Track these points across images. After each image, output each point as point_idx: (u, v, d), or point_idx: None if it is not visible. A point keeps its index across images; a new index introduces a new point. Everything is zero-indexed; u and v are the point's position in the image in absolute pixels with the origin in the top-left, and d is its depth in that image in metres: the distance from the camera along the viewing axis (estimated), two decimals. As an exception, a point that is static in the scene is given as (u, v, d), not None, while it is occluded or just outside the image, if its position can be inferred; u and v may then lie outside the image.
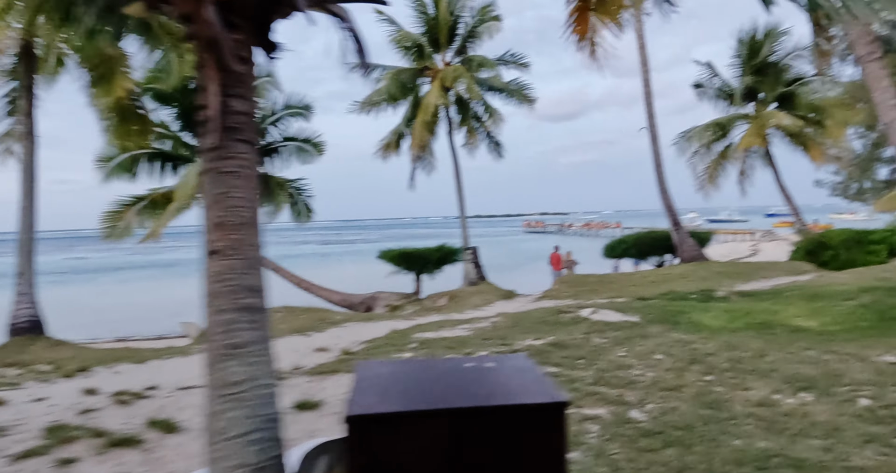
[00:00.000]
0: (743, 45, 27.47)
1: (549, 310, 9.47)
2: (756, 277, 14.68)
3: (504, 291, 15.62)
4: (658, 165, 20.45)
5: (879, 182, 60.09)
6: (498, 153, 26.32)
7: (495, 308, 12.44)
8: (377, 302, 18.35)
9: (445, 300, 14.97)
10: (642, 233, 21.73)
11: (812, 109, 26.35)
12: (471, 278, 17.36)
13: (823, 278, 13.37)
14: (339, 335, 9.23)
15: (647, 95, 20.97)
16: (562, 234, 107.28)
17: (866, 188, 61.70)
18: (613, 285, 14.82)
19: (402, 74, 24.19)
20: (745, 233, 68.95)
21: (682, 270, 16.48)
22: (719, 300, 10.89)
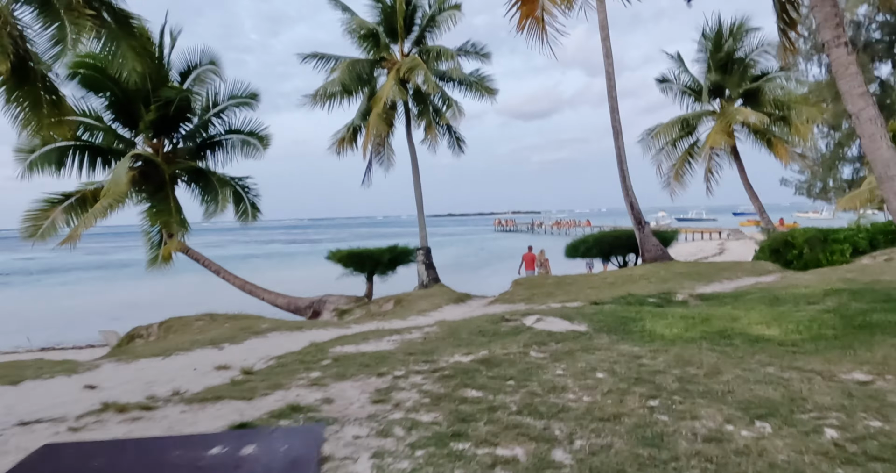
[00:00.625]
0: (708, 40, 27.02)
1: (493, 318, 8.58)
2: (718, 278, 14.02)
3: (457, 294, 14.73)
4: (621, 162, 19.75)
5: (842, 181, 60.87)
6: (460, 149, 25.47)
7: (440, 314, 11.55)
8: (325, 306, 17.33)
9: (391, 304, 14.01)
10: (604, 232, 21.00)
11: (778, 105, 26.01)
12: (423, 280, 16.43)
13: (787, 279, 12.74)
14: (254, 348, 8.22)
15: (610, 89, 20.25)
16: (532, 232, 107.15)
17: (830, 187, 62.50)
18: (571, 287, 14.03)
19: (356, 64, 23.16)
20: (713, 232, 69.29)
21: (644, 271, 15.77)
22: (677, 305, 10.13)
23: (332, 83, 22.87)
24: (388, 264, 18.06)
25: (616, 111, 20.28)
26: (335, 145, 24.00)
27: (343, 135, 23.98)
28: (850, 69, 8.30)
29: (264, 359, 7.13)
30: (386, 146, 25.25)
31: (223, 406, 5.12)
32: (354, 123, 23.89)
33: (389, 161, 25.26)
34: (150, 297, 31.50)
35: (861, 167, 62.31)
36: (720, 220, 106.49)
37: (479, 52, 24.17)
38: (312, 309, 17.62)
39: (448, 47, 23.16)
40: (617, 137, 20.05)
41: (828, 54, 8.63)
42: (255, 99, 20.85)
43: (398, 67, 22.29)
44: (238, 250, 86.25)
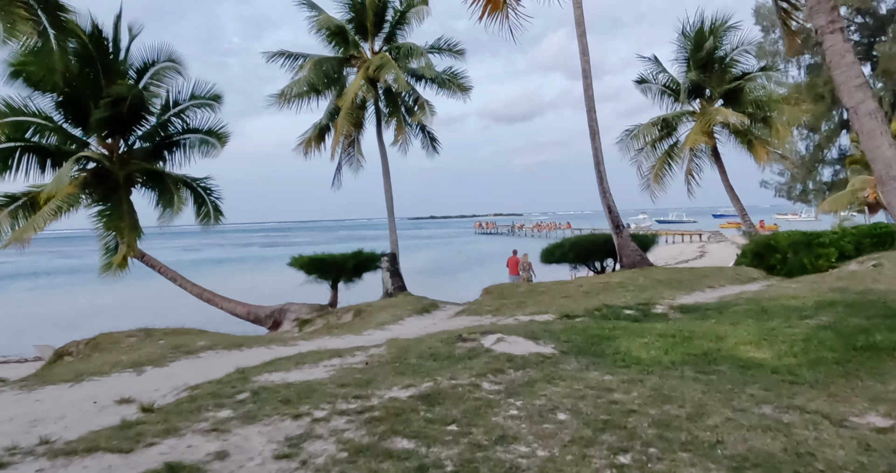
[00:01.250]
0: (688, 38, 26.32)
1: (449, 337, 7.60)
2: (701, 286, 13.18)
3: (423, 303, 13.73)
4: (598, 163, 18.91)
5: (822, 183, 60.85)
6: (434, 149, 24.52)
7: (399, 328, 10.56)
8: (286, 315, 16.26)
9: (351, 315, 12.99)
10: (581, 237, 20.11)
11: (759, 106, 25.38)
12: (388, 288, 15.43)
13: (774, 288, 11.92)
14: (175, 374, 7.17)
15: (586, 87, 19.40)
16: (513, 235, 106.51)
17: (810, 189, 62.46)
18: (543, 296, 13.11)
19: (324, 63, 22.10)
20: (693, 234, 69.02)
21: (622, 277, 14.90)
22: (656, 318, 9.23)
23: (299, 82, 21.80)
24: (353, 270, 17.01)
25: (593, 111, 19.44)
26: (302, 146, 22.90)
27: (311, 135, 22.89)
28: (846, 58, 7.46)
29: (177, 390, 6.09)
30: (356, 147, 24.23)
31: (91, 463, 4.09)
32: (322, 123, 22.83)
33: (359, 163, 24.25)
34: (115, 304, 30.10)
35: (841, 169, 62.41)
36: (700, 222, 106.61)
37: (452, 49, 23.23)
38: (273, 319, 16.55)
39: (419, 45, 22.18)
40: (594, 138, 19.21)
41: (821, 41, 7.80)
42: (218, 101, 19.72)
43: (367, 65, 21.29)
44: (214, 253, 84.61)
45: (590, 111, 19.25)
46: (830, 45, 7.51)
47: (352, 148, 24.21)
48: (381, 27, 23.11)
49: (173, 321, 22.97)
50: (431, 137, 24.38)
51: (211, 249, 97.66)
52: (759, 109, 25.42)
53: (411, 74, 23.10)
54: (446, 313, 13.01)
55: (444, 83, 22.82)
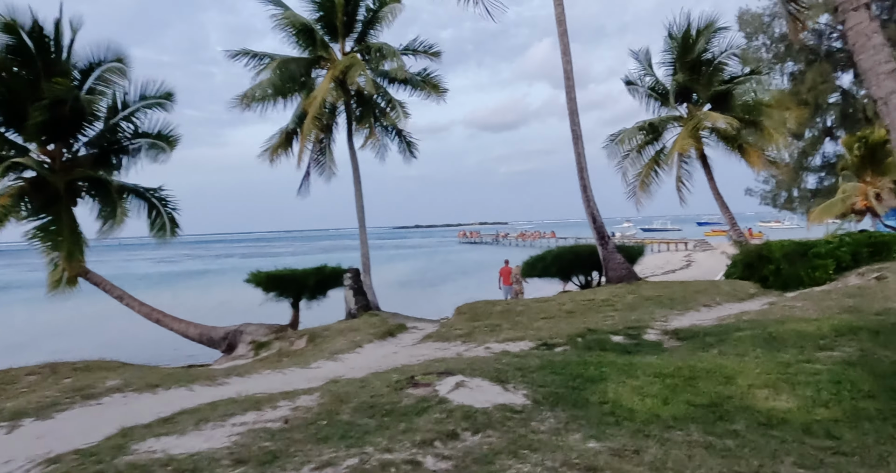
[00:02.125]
0: (675, 40, 25.27)
1: (402, 378, 6.21)
2: (695, 304, 11.90)
3: (388, 326, 12.31)
4: (581, 170, 17.67)
5: (807, 190, 60.26)
6: (411, 154, 23.17)
7: (352, 359, 9.15)
8: (241, 337, 14.76)
9: (304, 341, 11.55)
10: (564, 248, 18.80)
11: (748, 110, 24.33)
12: (351, 308, 13.99)
13: (777, 307, 10.65)
14: (51, 432, 5.71)
15: (569, 89, 18.21)
16: (497, 244, 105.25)
17: (795, 197, 61.85)
18: (520, 317, 11.76)
19: (290, 64, 20.69)
20: (678, 243, 68.12)
21: (608, 294, 13.60)
22: (649, 348, 7.90)
23: (263, 85, 20.39)
24: (316, 287, 15.55)
25: (575, 114, 18.24)
26: (268, 152, 21.44)
27: (278, 140, 21.45)
28: (872, 39, 6.22)
29: (31, 463, 4.64)
30: (327, 154, 22.84)
31: None
32: (289, 128, 21.40)
33: (331, 170, 22.83)
34: (65, 325, 28.30)
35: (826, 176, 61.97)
36: (684, 230, 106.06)
37: (427, 50, 21.93)
38: (228, 341, 15.04)
39: (392, 46, 20.84)
40: (577, 142, 17.99)
41: (842, 22, 6.59)
42: (171, 99, 18.29)
43: (336, 66, 19.94)
44: (192, 265, 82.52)
45: (572, 114, 18.04)
46: (854, 25, 6.28)
47: (322, 155, 22.82)
48: (352, 27, 21.77)
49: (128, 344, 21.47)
50: (408, 141, 23.05)
51: (190, 260, 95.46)
52: (749, 114, 24.39)
53: (384, 76, 21.80)
54: (412, 337, 11.61)
55: (418, 85, 21.52)
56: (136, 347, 20.80)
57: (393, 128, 22.83)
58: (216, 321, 17.95)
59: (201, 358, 16.54)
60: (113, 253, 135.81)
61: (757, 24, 43.34)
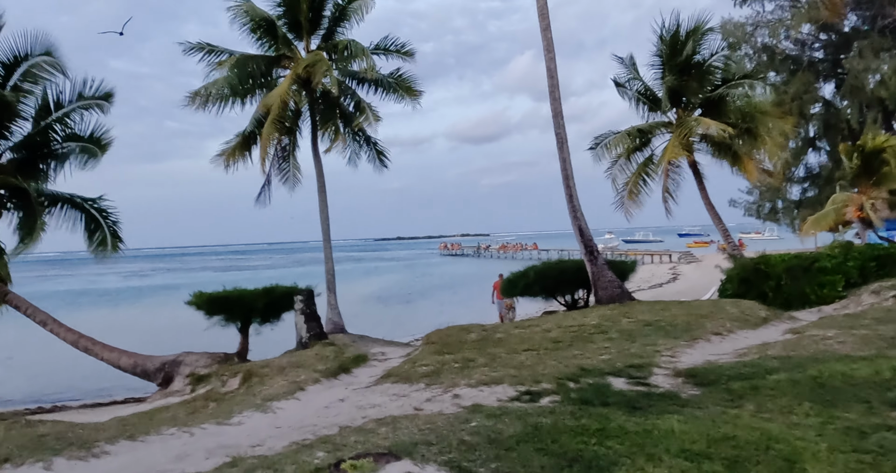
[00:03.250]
0: (663, 42, 23.81)
1: (323, 463, 4.35)
2: (702, 332, 10.17)
3: (343, 358, 10.41)
4: (567, 177, 15.99)
5: (791, 202, 59.26)
6: (381, 163, 21.37)
7: (287, 408, 7.25)
8: (179, 369, 12.79)
9: (238, 380, 9.63)
10: (548, 264, 16.97)
11: (742, 115, 22.86)
12: (302, 337, 12.08)
13: (805, 338, 8.95)
14: None
15: (552, 89, 16.57)
16: (478, 256, 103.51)
17: (779, 208, 60.78)
18: (499, 347, 9.95)
19: (249, 61, 18.84)
20: (662, 254, 66.83)
21: (599, 317, 11.85)
22: (662, 401, 6.11)
23: (218, 83, 18.50)
24: (266, 310, 13.60)
25: (560, 116, 16.59)
26: (222, 158, 19.49)
27: (234, 144, 19.53)
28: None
29: None
30: (291, 160, 20.96)
31: None
32: (247, 131, 19.51)
33: (294, 177, 20.93)
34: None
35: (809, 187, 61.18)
36: (666, 241, 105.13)
37: (399, 50, 20.21)
38: (164, 373, 13.05)
39: (362, 44, 19.07)
40: (562, 147, 16.31)
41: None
42: (109, 100, 16.35)
43: (298, 64, 18.14)
44: (163, 279, 79.65)
45: (556, 116, 16.37)
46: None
47: (285, 161, 20.94)
48: (318, 24, 19.98)
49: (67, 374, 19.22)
50: (378, 149, 21.26)
51: (163, 274, 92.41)
52: (743, 120, 22.94)
53: (352, 77, 20.03)
54: (370, 373, 9.73)
55: (390, 87, 19.76)
56: (75, 377, 18.68)
57: (363, 135, 21.06)
58: (166, 346, 15.93)
59: (143, 391, 14.56)
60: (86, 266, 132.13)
61: (740, 34, 42.36)
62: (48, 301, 48.26)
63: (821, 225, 34.68)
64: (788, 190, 63.60)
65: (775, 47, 44.26)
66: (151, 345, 19.79)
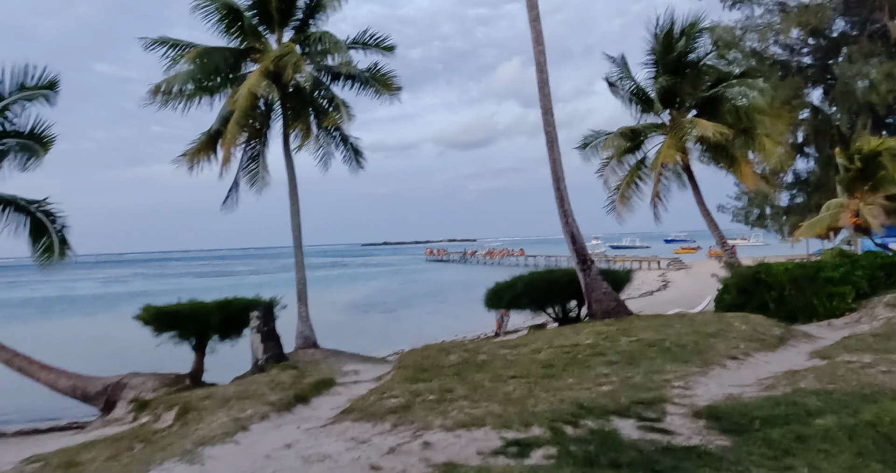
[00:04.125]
0: (657, 39, 22.70)
1: None
2: (714, 354, 8.90)
3: (303, 385, 9.01)
4: (557, 180, 14.72)
5: (780, 208, 58.45)
6: (357, 163, 20.00)
7: (225, 454, 5.86)
8: (123, 393, 11.34)
9: (173, 415, 8.19)
10: (536, 274, 15.59)
11: (739, 117, 21.75)
12: (258, 359, 10.64)
13: (839, 365, 7.70)
14: None
15: (542, 84, 15.33)
16: (465, 262, 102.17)
17: (767, 214, 59.97)
18: (482, 372, 8.61)
19: (215, 54, 17.41)
20: (651, 261, 65.87)
21: (595, 336, 10.56)
22: (687, 457, 4.79)
23: (180, 77, 17.05)
24: (223, 326, 12.12)
25: (550, 114, 15.33)
26: (186, 158, 18.01)
27: (199, 143, 18.06)
28: None
29: None
30: (261, 161, 19.53)
31: None
32: (213, 130, 18.05)
33: (264, 180, 19.47)
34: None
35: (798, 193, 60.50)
36: (653, 248, 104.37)
37: (378, 44, 18.88)
38: (106, 397, 11.59)
39: (337, 37, 17.71)
40: (552, 147, 15.05)
41: None
42: (55, 89, 14.90)
43: (267, 56, 16.76)
44: (140, 285, 77.44)
45: (546, 113, 15.11)
46: None
47: (254, 162, 19.51)
48: (291, 14, 18.59)
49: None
50: (355, 148, 19.88)
51: (141, 280, 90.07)
52: (740, 121, 21.84)
53: (326, 71, 18.68)
54: (332, 403, 8.35)
55: (367, 82, 18.41)
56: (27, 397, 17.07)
57: (338, 133, 19.70)
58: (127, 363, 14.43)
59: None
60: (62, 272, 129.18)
61: (729, 38, 41.59)
62: (19, 310, 46.28)
63: (815, 231, 33.77)
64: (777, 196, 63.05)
65: (764, 52, 43.53)
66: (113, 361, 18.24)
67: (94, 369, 13.68)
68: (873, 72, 40.04)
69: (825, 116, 46.61)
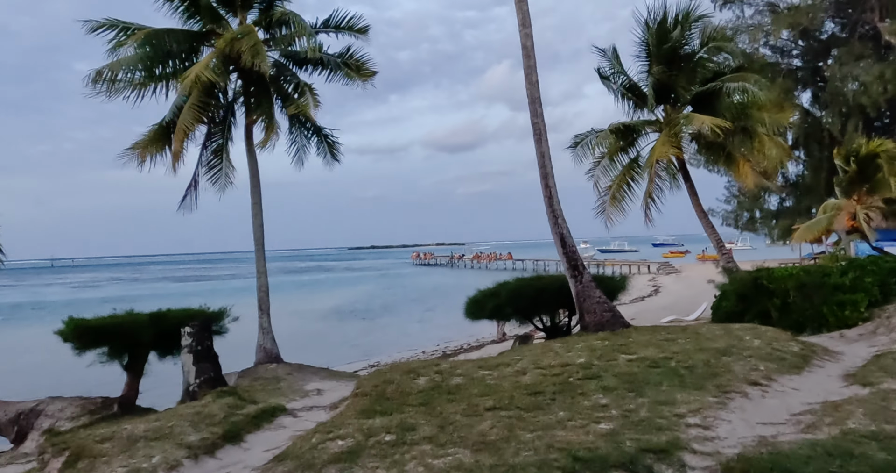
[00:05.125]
0: (650, 30, 21.38)
1: None
2: (731, 379, 7.42)
3: (241, 417, 7.44)
4: (546, 176, 13.25)
5: (770, 211, 57.38)
6: (333, 157, 18.46)
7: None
8: (38, 421, 9.70)
9: (61, 462, 6.56)
10: (523, 281, 13.94)
11: (737, 113, 20.42)
12: (189, 384, 8.98)
13: (888, 395, 6.26)
14: None
15: (529, 71, 13.88)
16: (452, 267, 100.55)
17: (757, 218, 58.91)
18: (457, 400, 7.09)
19: (166, 36, 15.80)
20: (640, 265, 64.69)
21: (589, 353, 9.09)
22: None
23: (127, 62, 15.41)
24: (158, 342, 10.42)
25: (537, 103, 13.85)
26: (136, 153, 16.32)
27: (149, 136, 16.38)
28: None
29: None
30: (224, 155, 17.90)
31: None
32: (165, 120, 16.42)
33: (227, 177, 17.83)
34: None
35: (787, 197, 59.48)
36: (641, 251, 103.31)
37: (351, 26, 17.36)
38: (18, 426, 9.93)
39: (303, 19, 16.17)
40: (539, 141, 13.57)
41: None
42: None
43: (223, 36, 15.17)
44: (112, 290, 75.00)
45: (533, 102, 13.62)
46: None
47: (217, 158, 17.89)
48: (255, -3, 17.04)
49: None
50: (329, 141, 18.34)
51: (115, 285, 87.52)
52: (737, 118, 20.53)
53: (291, 58, 17.15)
54: (271, 440, 6.78)
55: (339, 67, 16.86)
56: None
57: (311, 125, 18.16)
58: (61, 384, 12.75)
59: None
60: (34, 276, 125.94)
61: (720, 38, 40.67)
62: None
63: (813, 234, 32.66)
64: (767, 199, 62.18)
65: (754, 53, 42.60)
66: (47, 380, 16.52)
67: (19, 389, 12.02)
68: (864, 74, 39.23)
69: (815, 119, 45.66)
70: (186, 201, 17.16)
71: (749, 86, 19.57)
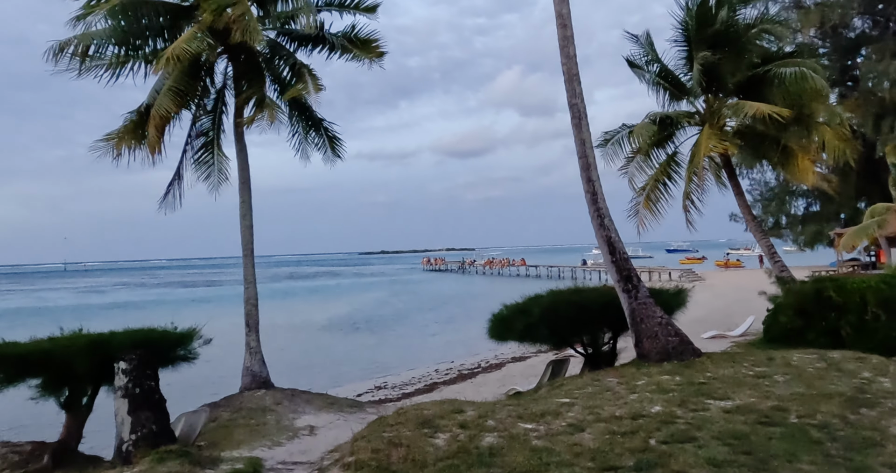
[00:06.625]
0: (690, 14, 19.06)
1: None
2: (878, 451, 5.09)
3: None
4: (587, 167, 10.95)
5: (796, 216, 54.39)
6: (334, 152, 16.28)
7: None
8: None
9: None
10: (559, 294, 11.28)
11: (792, 101, 17.97)
12: (123, 438, 6.70)
13: None
14: None
15: (564, 43, 11.60)
16: (463, 272, 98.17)
17: (783, 223, 55.94)
18: (453, 467, 4.84)
19: (143, 8, 13.65)
20: (661, 272, 61.89)
21: (662, 397, 6.79)
22: None
23: (96, 35, 13.22)
24: (101, 373, 8.10)
25: (576, 81, 11.56)
26: (112, 144, 14.14)
27: (124, 126, 14.21)
28: None
29: None
30: (215, 146, 15.71)
31: None
32: (144, 106, 14.21)
33: (221, 173, 15.60)
34: None
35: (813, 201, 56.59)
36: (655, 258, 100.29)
37: (358, 5, 15.17)
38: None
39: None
40: (579, 124, 11.27)
41: None
42: None
43: (207, 6, 12.99)
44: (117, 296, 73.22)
45: (570, 81, 11.32)
46: None
47: (207, 151, 15.72)
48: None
49: None
50: (330, 135, 16.16)
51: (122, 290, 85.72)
52: (792, 107, 18.08)
53: (287, 35, 14.99)
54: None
55: (341, 46, 14.64)
56: None
57: (310, 115, 15.98)
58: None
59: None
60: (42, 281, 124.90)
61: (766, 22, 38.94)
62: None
63: (860, 239, 30.22)
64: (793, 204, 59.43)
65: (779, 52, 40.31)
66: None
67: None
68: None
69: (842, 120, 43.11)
70: (168, 198, 14.98)
71: (808, 72, 17.17)
